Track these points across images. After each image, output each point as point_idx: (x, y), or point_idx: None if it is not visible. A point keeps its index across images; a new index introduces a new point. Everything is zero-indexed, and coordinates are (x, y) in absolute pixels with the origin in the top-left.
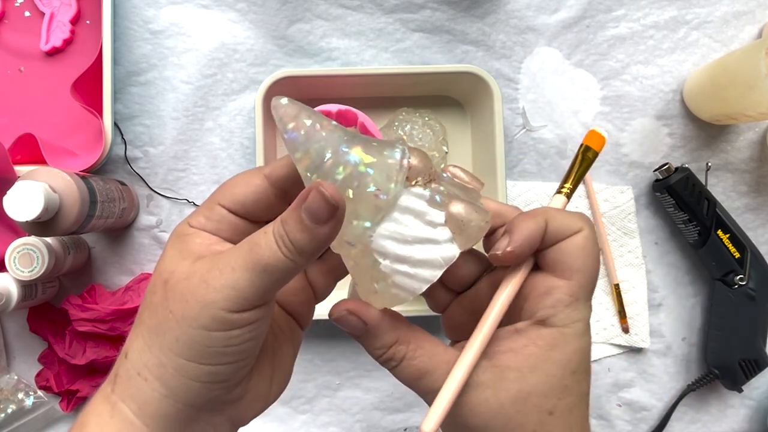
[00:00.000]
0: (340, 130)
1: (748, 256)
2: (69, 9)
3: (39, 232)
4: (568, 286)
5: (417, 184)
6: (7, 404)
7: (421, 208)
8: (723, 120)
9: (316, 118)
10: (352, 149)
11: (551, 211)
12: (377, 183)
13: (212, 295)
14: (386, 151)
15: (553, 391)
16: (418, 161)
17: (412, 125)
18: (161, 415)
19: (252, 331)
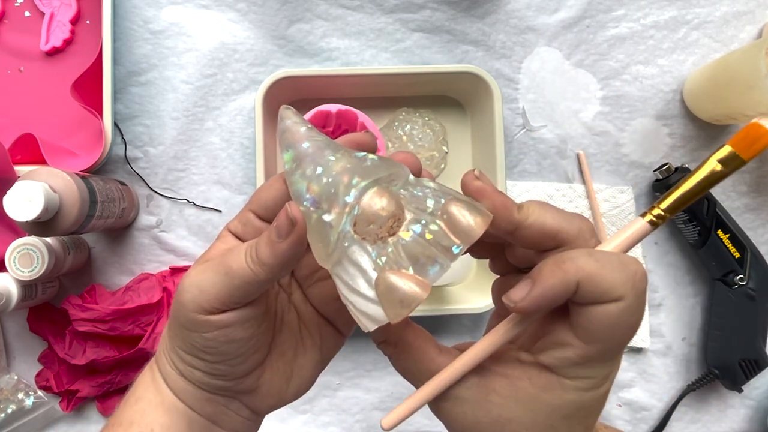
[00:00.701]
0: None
1: (748, 256)
2: (69, 9)
3: (39, 232)
4: (583, 350)
5: (369, 234)
6: (7, 404)
7: (364, 265)
8: (723, 120)
9: (314, 138)
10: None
11: (591, 265)
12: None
13: (183, 295)
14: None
15: (535, 426)
16: (380, 206)
17: (412, 125)
18: (181, 388)
19: (229, 335)
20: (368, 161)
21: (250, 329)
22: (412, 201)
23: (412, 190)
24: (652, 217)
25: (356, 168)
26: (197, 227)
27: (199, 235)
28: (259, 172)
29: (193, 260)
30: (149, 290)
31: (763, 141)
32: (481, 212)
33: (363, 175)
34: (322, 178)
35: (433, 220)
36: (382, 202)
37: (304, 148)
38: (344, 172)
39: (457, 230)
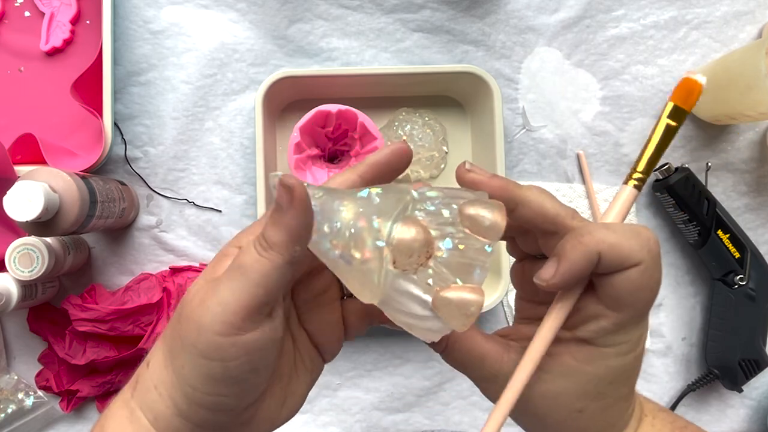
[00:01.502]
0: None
1: (748, 256)
2: (69, 9)
3: (39, 232)
4: (615, 317)
5: (410, 265)
6: (7, 404)
7: (416, 292)
8: (723, 120)
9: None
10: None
11: (609, 236)
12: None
13: (206, 317)
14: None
15: (585, 395)
16: (411, 237)
17: (412, 125)
18: (172, 428)
19: (250, 363)
20: (374, 197)
21: (271, 353)
22: (430, 218)
23: (425, 207)
24: (635, 181)
25: (369, 209)
26: (197, 227)
27: (199, 235)
28: (259, 172)
29: (193, 260)
30: (149, 290)
31: (697, 91)
32: (494, 203)
33: (380, 214)
34: (344, 232)
35: (458, 230)
36: (411, 233)
37: (314, 208)
38: (360, 217)
39: (482, 230)
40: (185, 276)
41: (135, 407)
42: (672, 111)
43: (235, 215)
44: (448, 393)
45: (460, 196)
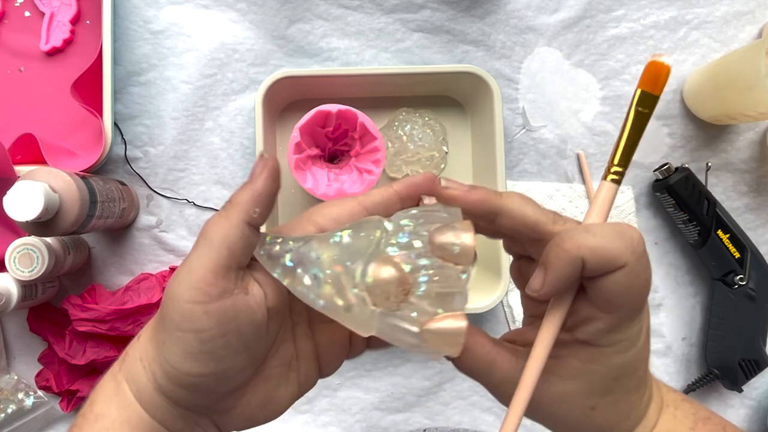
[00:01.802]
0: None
1: (748, 256)
2: (69, 9)
3: (39, 232)
4: (608, 319)
5: (391, 304)
6: (7, 404)
7: (405, 326)
8: (723, 120)
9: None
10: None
11: (589, 240)
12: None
13: (178, 287)
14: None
15: (594, 393)
16: (385, 279)
17: (412, 125)
18: (153, 402)
19: (223, 335)
20: (345, 238)
21: (252, 329)
22: (403, 251)
23: (398, 240)
24: (613, 176)
25: (342, 254)
26: (197, 227)
27: None
28: None
29: None
30: (149, 290)
31: (664, 73)
32: (460, 227)
33: (353, 258)
34: (324, 282)
35: (432, 261)
36: (384, 274)
37: (288, 265)
38: (335, 264)
39: (454, 258)
40: None
41: (121, 379)
42: (641, 97)
43: None
44: (448, 393)
45: (433, 220)
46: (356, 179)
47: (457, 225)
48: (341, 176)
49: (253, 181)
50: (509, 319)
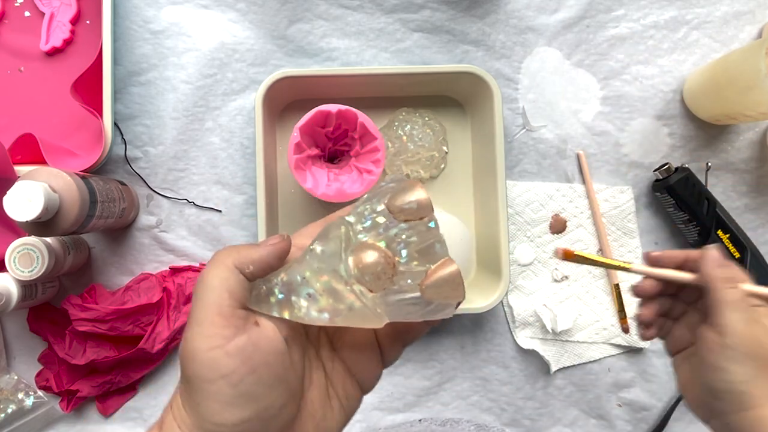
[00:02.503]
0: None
1: (748, 256)
2: (69, 9)
3: (39, 232)
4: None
5: (385, 283)
6: (7, 404)
7: (408, 297)
8: (723, 120)
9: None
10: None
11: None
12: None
13: (192, 342)
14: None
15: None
16: (369, 263)
17: (412, 125)
18: None
19: (252, 372)
20: (317, 248)
21: (277, 359)
22: (372, 233)
23: (363, 225)
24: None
25: (322, 263)
26: (197, 227)
27: (199, 235)
28: (259, 172)
29: (193, 260)
30: (149, 290)
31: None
32: (408, 187)
33: (332, 261)
34: (318, 295)
35: (399, 229)
36: (367, 258)
37: (281, 298)
38: (321, 274)
39: (416, 214)
40: (185, 276)
41: None
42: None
43: (235, 215)
44: (448, 393)
45: (383, 194)
46: (356, 179)
47: (404, 186)
48: (341, 176)
49: (260, 244)
50: (509, 319)
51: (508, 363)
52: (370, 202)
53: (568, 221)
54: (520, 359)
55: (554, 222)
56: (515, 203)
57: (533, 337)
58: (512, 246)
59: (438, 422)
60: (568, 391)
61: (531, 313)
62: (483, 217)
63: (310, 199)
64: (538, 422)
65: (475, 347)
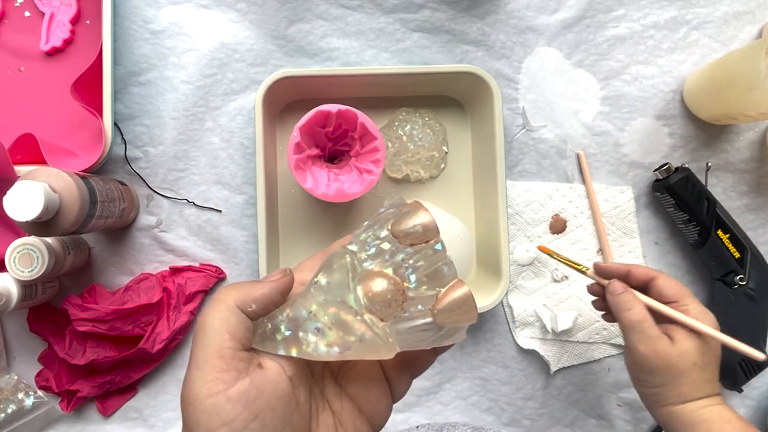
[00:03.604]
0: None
1: (748, 256)
2: (69, 9)
3: (39, 232)
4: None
5: (396, 310)
6: (7, 404)
7: (419, 323)
8: (723, 120)
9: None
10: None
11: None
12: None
13: (193, 389)
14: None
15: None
16: (379, 292)
17: (412, 125)
18: None
19: (256, 418)
20: (321, 280)
21: (281, 404)
22: (378, 260)
23: (368, 253)
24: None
25: (328, 295)
26: (197, 227)
27: (199, 235)
28: (259, 172)
29: (193, 260)
30: (149, 290)
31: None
32: (412, 210)
33: (338, 292)
34: (327, 329)
35: (406, 253)
36: (376, 288)
37: (288, 335)
38: (328, 306)
39: (421, 237)
40: (185, 276)
41: None
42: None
43: (235, 215)
44: (448, 393)
45: (385, 219)
46: (356, 179)
47: (407, 210)
48: (341, 176)
49: (262, 281)
50: (509, 319)
51: (508, 363)
52: (372, 229)
53: (568, 221)
54: (520, 359)
55: (554, 222)
56: (515, 203)
57: (533, 337)
58: (512, 246)
59: (435, 428)
60: (568, 391)
61: (531, 313)
62: (483, 217)
63: (310, 199)
64: (538, 422)
65: (475, 347)
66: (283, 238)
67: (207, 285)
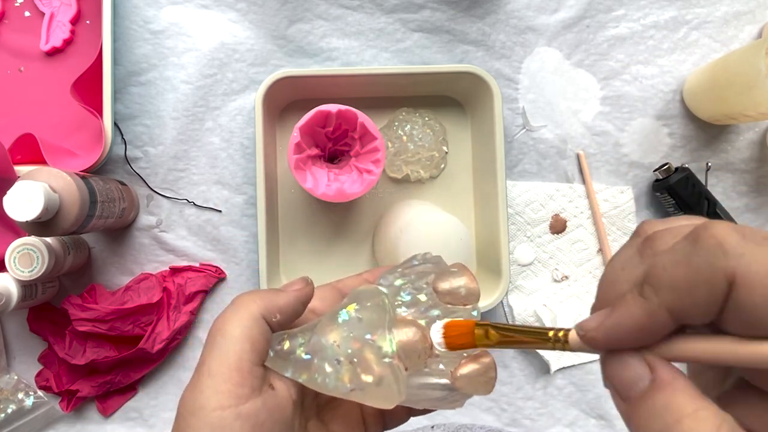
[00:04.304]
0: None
1: None
2: (69, 9)
3: (39, 232)
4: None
5: (420, 363)
6: (7, 404)
7: (435, 381)
8: (723, 120)
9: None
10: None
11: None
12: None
13: (201, 397)
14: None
15: None
16: (412, 340)
17: (412, 125)
18: None
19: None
20: (355, 316)
21: (285, 429)
22: (413, 309)
23: (402, 299)
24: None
25: (358, 330)
26: (197, 227)
27: (199, 235)
28: (259, 172)
29: (193, 260)
30: (149, 290)
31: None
32: (458, 271)
33: (371, 330)
34: (346, 364)
35: (441, 310)
36: (410, 336)
37: (306, 358)
38: (353, 341)
39: (461, 299)
40: (185, 276)
41: None
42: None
43: (235, 215)
44: None
45: (424, 272)
46: (356, 179)
47: (454, 270)
48: (341, 176)
49: (284, 289)
50: (509, 319)
51: (508, 363)
52: (407, 277)
53: (568, 221)
54: (520, 359)
55: (554, 222)
56: (515, 203)
57: None
58: (512, 246)
59: (451, 429)
60: (568, 391)
61: (531, 313)
62: (483, 217)
63: (310, 199)
64: (538, 422)
65: None
66: (283, 238)
67: (207, 285)
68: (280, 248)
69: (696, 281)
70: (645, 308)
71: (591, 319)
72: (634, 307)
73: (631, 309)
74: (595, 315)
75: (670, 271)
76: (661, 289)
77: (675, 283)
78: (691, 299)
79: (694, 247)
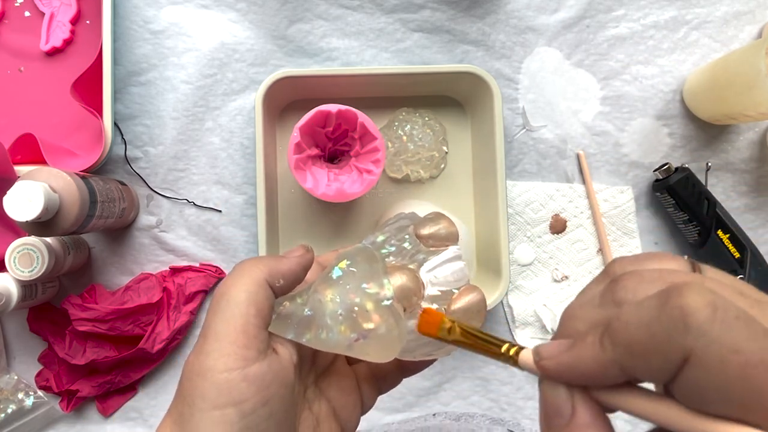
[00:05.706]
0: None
1: (748, 256)
2: (69, 9)
3: (39, 232)
4: None
5: (414, 305)
6: (7, 404)
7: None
8: (723, 120)
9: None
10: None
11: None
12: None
13: (208, 359)
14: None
15: None
16: (404, 283)
17: (412, 125)
18: None
19: (265, 403)
20: (350, 270)
21: (289, 395)
22: (400, 257)
23: (389, 250)
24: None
25: (354, 281)
26: (197, 227)
27: (199, 235)
28: (259, 172)
29: (193, 260)
30: (149, 290)
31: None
32: (434, 216)
33: (367, 279)
34: (349, 315)
35: (426, 252)
36: (403, 279)
37: (308, 314)
38: (351, 293)
39: (443, 240)
40: (185, 276)
41: None
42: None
43: (235, 215)
44: (448, 393)
45: (402, 224)
46: (356, 179)
47: (431, 217)
48: (341, 176)
49: (286, 256)
50: (509, 319)
51: None
52: (388, 232)
53: (568, 221)
54: None
55: (554, 222)
56: (515, 203)
57: (533, 337)
58: (512, 246)
59: (452, 416)
60: None
61: (531, 313)
62: (483, 217)
63: (310, 199)
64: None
65: None
66: (283, 238)
67: (207, 285)
68: (280, 248)
69: (653, 349)
70: (599, 359)
71: (549, 348)
72: (591, 353)
73: (588, 353)
74: (554, 345)
75: (631, 331)
76: (618, 346)
77: (632, 345)
78: (646, 364)
79: (659, 312)
